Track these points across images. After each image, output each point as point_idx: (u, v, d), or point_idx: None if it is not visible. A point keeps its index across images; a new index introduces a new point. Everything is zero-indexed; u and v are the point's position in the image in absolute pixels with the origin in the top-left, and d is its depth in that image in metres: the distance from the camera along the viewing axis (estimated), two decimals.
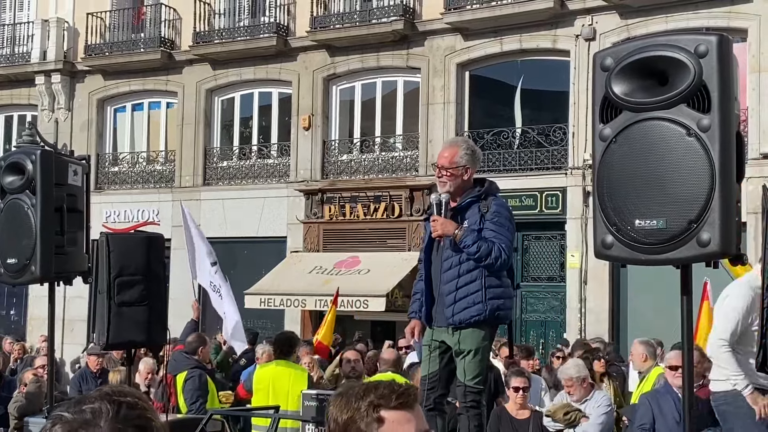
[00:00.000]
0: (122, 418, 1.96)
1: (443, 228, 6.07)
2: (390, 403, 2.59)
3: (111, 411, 1.96)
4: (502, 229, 6.17)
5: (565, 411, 8.54)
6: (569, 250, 19.63)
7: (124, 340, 7.18)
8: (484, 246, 6.02)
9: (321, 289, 20.52)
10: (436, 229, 6.09)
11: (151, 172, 25.25)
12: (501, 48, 20.83)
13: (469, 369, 6.09)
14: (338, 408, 2.64)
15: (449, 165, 6.23)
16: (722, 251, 4.00)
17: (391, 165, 22.05)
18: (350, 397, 2.65)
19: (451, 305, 6.09)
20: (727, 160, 3.99)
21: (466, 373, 6.09)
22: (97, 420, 1.94)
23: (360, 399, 2.62)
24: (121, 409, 1.97)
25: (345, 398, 2.66)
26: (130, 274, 7.17)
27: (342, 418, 2.62)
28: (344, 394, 2.69)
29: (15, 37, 26.97)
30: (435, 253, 6.29)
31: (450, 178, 6.21)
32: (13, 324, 25.72)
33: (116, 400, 1.98)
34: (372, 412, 2.59)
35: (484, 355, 6.23)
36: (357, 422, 2.60)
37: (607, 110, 4.24)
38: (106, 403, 1.97)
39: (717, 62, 4.00)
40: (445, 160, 6.25)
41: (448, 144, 6.74)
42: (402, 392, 2.62)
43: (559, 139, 20.09)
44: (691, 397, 4.33)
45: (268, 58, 23.34)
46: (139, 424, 1.97)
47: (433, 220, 6.13)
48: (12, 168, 6.78)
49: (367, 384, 2.75)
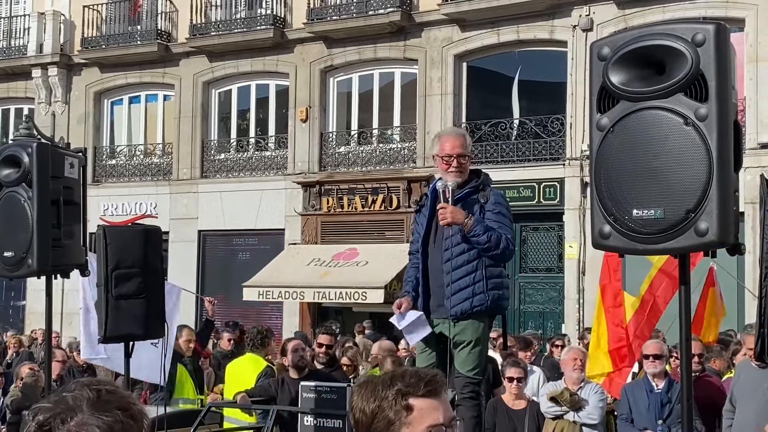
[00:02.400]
0: (104, 401, 1.98)
1: (453, 216, 5.85)
2: (418, 390, 2.57)
3: (92, 396, 1.98)
4: (505, 220, 6.11)
5: (571, 393, 8.55)
6: (567, 241, 19.64)
7: (121, 333, 7.16)
8: (494, 236, 5.93)
9: (319, 282, 20.53)
10: (445, 216, 5.85)
11: (148, 165, 25.23)
12: (498, 39, 20.81)
13: (469, 360, 6.05)
14: (364, 398, 2.62)
15: (465, 153, 6.17)
16: (720, 241, 3.99)
17: (389, 157, 22.03)
18: (376, 386, 2.62)
19: (453, 296, 5.98)
20: (725, 149, 3.98)
21: (466, 364, 6.05)
22: (79, 404, 1.97)
23: (387, 388, 2.59)
24: (101, 394, 1.99)
25: (371, 387, 2.63)
26: (128, 266, 7.15)
27: (369, 408, 2.59)
28: (369, 383, 2.67)
29: (11, 30, 26.94)
30: (432, 245, 6.16)
31: (465, 167, 6.15)
32: (11, 317, 25.72)
33: (95, 388, 2.01)
34: (400, 400, 2.57)
35: (484, 345, 6.19)
36: (385, 411, 2.57)
37: (605, 100, 4.22)
38: (86, 390, 1.99)
39: (714, 51, 3.98)
40: (461, 149, 6.14)
41: (454, 133, 6.51)
42: (429, 380, 2.60)
43: (557, 130, 20.08)
44: (690, 387, 4.32)
45: (265, 50, 23.31)
46: (121, 406, 1.99)
47: (442, 207, 5.89)
48: (8, 161, 6.76)
49: (392, 372, 2.72)
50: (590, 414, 8.57)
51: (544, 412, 8.64)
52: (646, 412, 8.33)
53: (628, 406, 8.50)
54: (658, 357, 8.51)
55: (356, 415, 2.62)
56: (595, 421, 8.61)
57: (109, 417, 1.95)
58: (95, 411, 1.95)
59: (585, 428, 8.62)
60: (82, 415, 1.94)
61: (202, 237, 24.13)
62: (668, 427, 8.15)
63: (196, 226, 24.01)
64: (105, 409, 1.96)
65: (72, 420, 1.94)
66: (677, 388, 8.14)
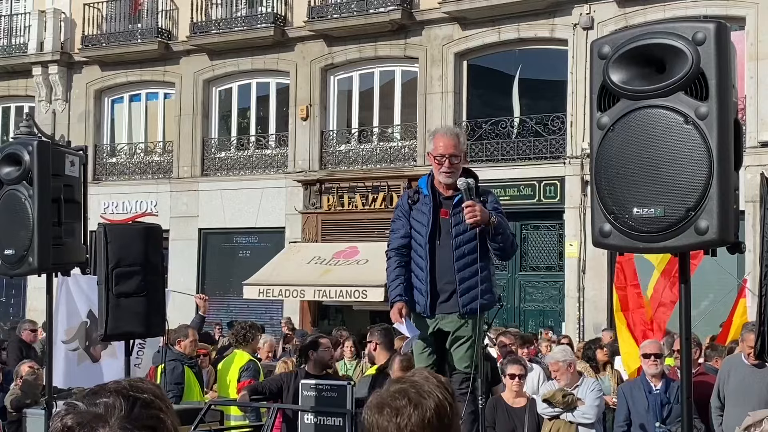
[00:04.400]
0: (134, 417, 1.92)
1: (482, 215, 5.79)
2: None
3: (124, 408, 1.93)
4: (505, 219, 6.12)
5: (563, 394, 8.55)
6: (567, 240, 19.64)
7: (122, 331, 7.17)
8: (511, 236, 6.06)
9: (320, 280, 20.53)
10: (475, 214, 5.76)
11: (148, 163, 25.23)
12: (499, 37, 20.80)
13: (467, 356, 6.04)
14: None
15: (458, 152, 6.12)
16: (720, 239, 3.99)
17: (389, 155, 22.03)
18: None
19: (466, 294, 5.97)
20: (725, 148, 3.98)
21: (464, 360, 6.04)
22: (109, 416, 1.92)
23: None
24: (134, 408, 1.94)
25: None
26: (128, 265, 7.15)
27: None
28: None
29: (12, 28, 26.94)
30: (438, 243, 6.09)
31: (458, 166, 6.10)
32: (12, 315, 25.72)
33: (132, 396, 1.95)
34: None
35: (480, 342, 6.20)
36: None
37: (605, 98, 4.22)
38: (121, 399, 1.94)
39: (715, 49, 3.98)
40: (454, 148, 6.08)
41: (448, 132, 6.34)
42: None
43: (557, 128, 20.08)
44: (689, 386, 4.32)
45: (266, 49, 23.30)
46: (150, 425, 1.94)
47: (470, 205, 5.79)
48: (9, 159, 6.76)
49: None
50: (585, 413, 8.57)
51: (540, 413, 8.65)
52: (645, 413, 8.33)
53: (627, 406, 8.48)
54: (658, 356, 8.51)
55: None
56: (590, 420, 8.61)
57: None
58: (123, 427, 1.90)
59: (582, 428, 8.62)
60: (109, 428, 1.91)
61: (203, 235, 24.13)
62: (668, 430, 8.16)
63: (197, 224, 24.01)
64: (135, 425, 1.91)
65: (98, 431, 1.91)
66: (674, 388, 8.15)
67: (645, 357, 8.55)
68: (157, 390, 2.03)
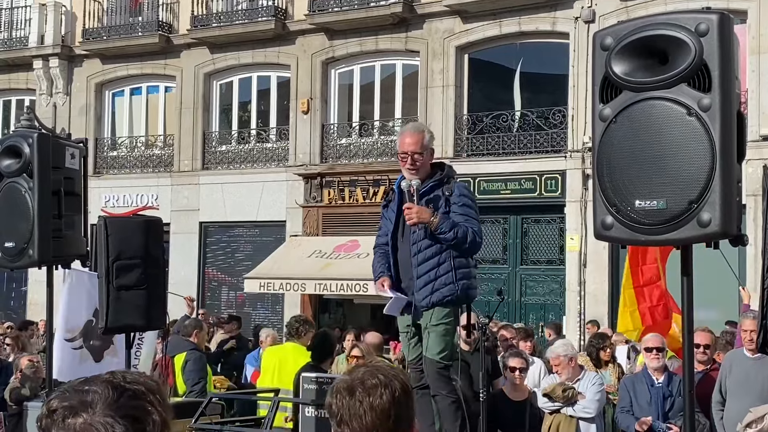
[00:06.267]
0: (119, 406, 1.92)
1: (420, 215, 6.00)
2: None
3: (111, 397, 1.92)
4: (471, 212, 6.19)
5: (563, 388, 8.55)
6: (569, 233, 19.63)
7: (122, 324, 7.16)
8: (461, 231, 6.04)
9: (320, 273, 20.52)
10: (411, 217, 6.01)
11: (149, 157, 25.21)
12: (500, 31, 20.76)
13: (434, 344, 6.14)
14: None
15: (421, 150, 6.18)
16: (723, 231, 3.97)
17: (390, 149, 21.97)
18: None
19: (422, 288, 6.11)
20: (728, 140, 3.96)
21: (432, 348, 6.15)
22: (94, 403, 1.91)
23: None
24: (121, 398, 1.93)
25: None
26: (129, 257, 7.14)
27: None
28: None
29: (12, 22, 26.90)
30: (400, 239, 6.25)
31: (421, 164, 6.18)
32: (12, 308, 25.73)
33: (120, 386, 1.95)
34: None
35: (446, 330, 6.24)
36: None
37: (607, 90, 4.20)
38: (109, 388, 1.93)
39: (718, 41, 3.96)
40: (415, 146, 6.18)
41: (412, 129, 6.41)
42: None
43: (559, 122, 20.05)
44: (692, 379, 4.31)
45: (267, 42, 23.26)
46: (134, 415, 1.92)
47: (408, 207, 6.04)
48: (9, 151, 6.76)
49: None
50: (586, 407, 8.56)
51: (540, 407, 8.64)
52: (648, 406, 8.33)
53: (630, 399, 8.49)
54: (660, 350, 8.50)
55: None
56: (590, 414, 8.60)
57: (117, 425, 1.89)
58: (106, 414, 1.90)
59: (582, 422, 8.61)
60: (92, 414, 1.89)
61: (204, 228, 24.12)
62: (669, 426, 8.15)
63: (198, 217, 23.99)
64: (118, 414, 1.90)
65: (80, 416, 1.89)
66: (677, 381, 8.14)
67: (647, 351, 8.54)
68: (152, 384, 2.01)
